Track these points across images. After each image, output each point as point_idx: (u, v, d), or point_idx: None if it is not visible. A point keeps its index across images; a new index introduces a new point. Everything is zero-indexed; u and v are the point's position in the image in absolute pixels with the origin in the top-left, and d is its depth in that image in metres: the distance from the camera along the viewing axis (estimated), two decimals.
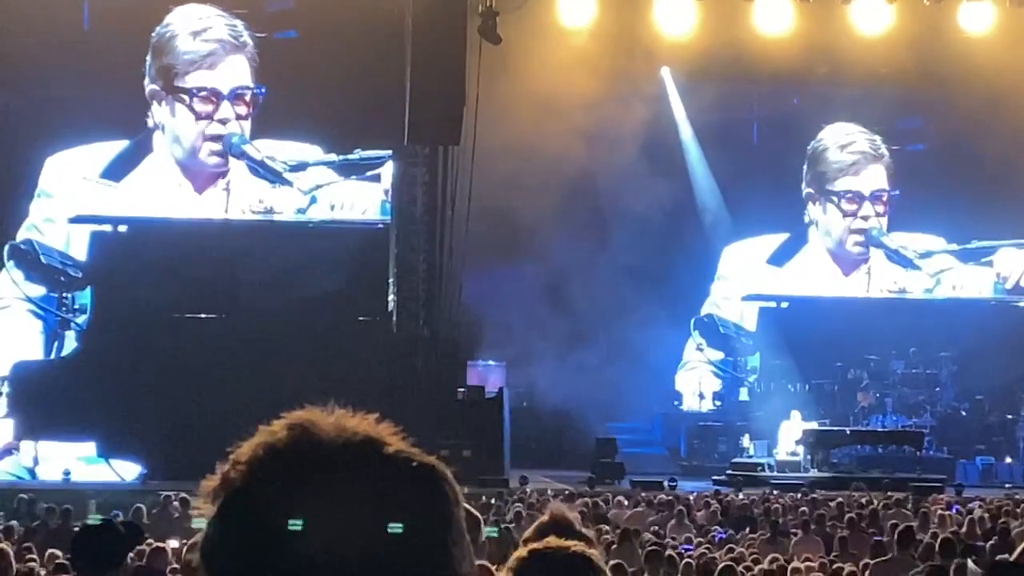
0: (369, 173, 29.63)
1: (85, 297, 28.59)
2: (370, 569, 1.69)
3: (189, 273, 27.86)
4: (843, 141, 34.48)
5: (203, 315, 28.09)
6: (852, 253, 34.51)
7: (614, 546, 15.15)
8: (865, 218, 34.34)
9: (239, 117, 29.41)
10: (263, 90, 29.32)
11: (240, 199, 29.50)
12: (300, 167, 29.51)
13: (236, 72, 29.40)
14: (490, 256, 30.00)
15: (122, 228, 29.16)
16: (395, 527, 1.69)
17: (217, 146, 29.32)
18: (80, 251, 28.89)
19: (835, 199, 34.44)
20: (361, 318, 28.65)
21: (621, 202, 31.33)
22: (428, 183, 29.11)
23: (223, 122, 29.31)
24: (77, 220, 28.92)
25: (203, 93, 29.27)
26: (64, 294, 28.68)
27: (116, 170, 29.13)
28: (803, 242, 34.64)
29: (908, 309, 33.97)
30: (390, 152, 29.39)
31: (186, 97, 29.23)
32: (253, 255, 28.05)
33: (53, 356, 28.50)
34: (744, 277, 34.38)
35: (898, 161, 34.38)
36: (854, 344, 33.06)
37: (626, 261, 30.86)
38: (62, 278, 28.77)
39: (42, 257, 28.74)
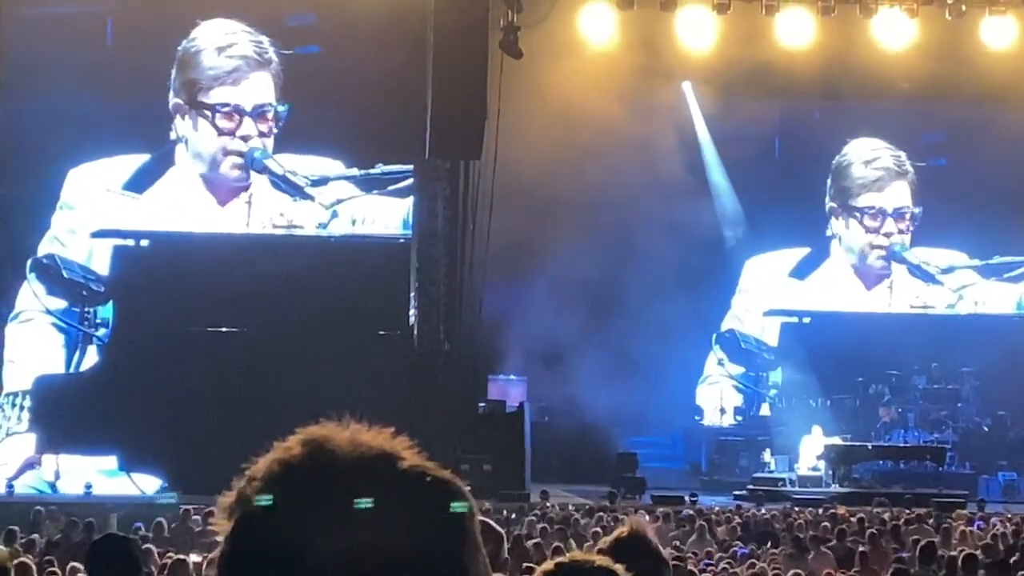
0: (390, 188, 29.66)
1: (107, 311, 28.66)
2: None
3: (210, 287, 27.93)
4: (868, 157, 34.39)
5: (224, 329, 28.15)
6: (874, 268, 34.42)
7: None
8: (888, 235, 34.25)
9: (261, 134, 29.38)
10: (287, 108, 29.33)
11: (261, 213, 29.53)
12: (322, 182, 29.54)
13: (259, 89, 29.40)
14: (511, 270, 30.00)
15: (144, 242, 29.23)
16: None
17: (238, 161, 29.37)
18: (102, 265, 28.95)
19: (858, 215, 34.35)
20: (382, 332, 28.66)
21: (642, 215, 31.24)
22: (449, 197, 29.10)
23: (245, 138, 29.32)
24: (99, 235, 28.97)
25: (226, 109, 29.31)
26: (86, 308, 28.73)
27: (138, 182, 29.16)
28: (825, 256, 34.56)
29: (930, 324, 33.84)
30: (411, 166, 29.40)
31: (208, 112, 29.26)
32: (274, 269, 28.08)
33: (75, 370, 28.56)
34: (765, 290, 34.31)
35: (920, 176, 34.29)
36: (876, 359, 32.96)
37: (647, 275, 30.80)
38: (84, 292, 28.82)
39: (64, 271, 28.79)
